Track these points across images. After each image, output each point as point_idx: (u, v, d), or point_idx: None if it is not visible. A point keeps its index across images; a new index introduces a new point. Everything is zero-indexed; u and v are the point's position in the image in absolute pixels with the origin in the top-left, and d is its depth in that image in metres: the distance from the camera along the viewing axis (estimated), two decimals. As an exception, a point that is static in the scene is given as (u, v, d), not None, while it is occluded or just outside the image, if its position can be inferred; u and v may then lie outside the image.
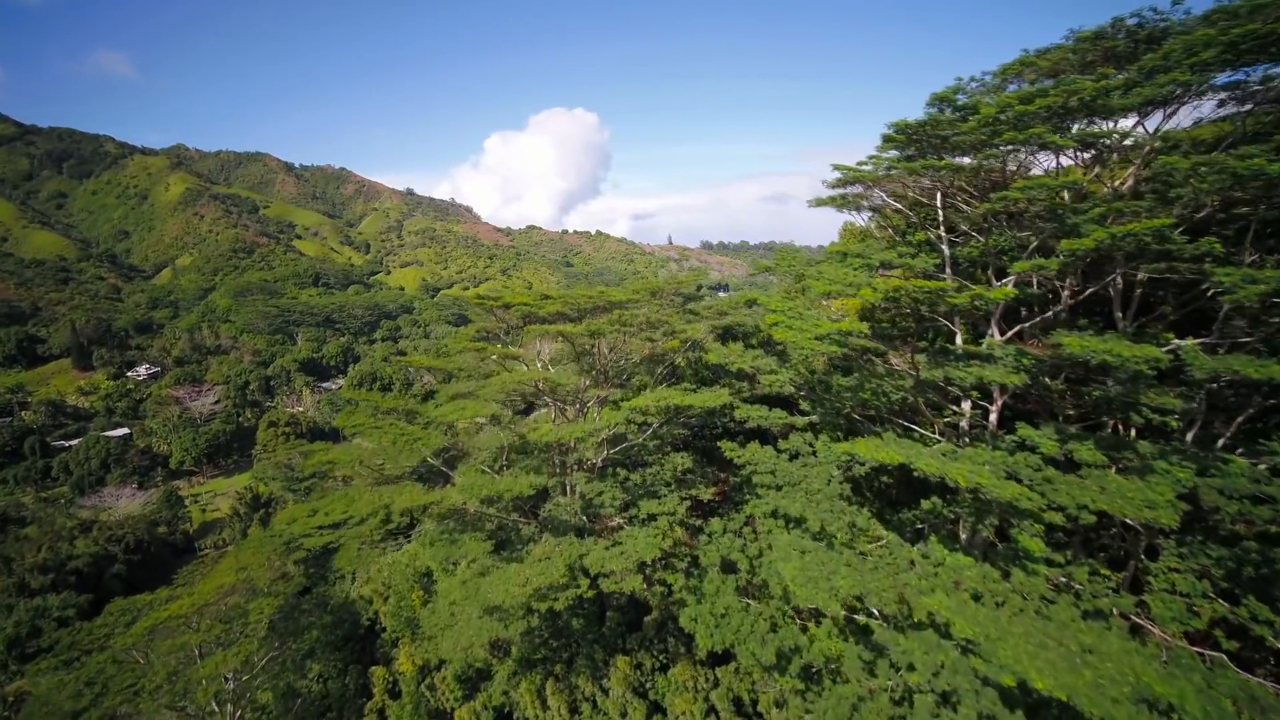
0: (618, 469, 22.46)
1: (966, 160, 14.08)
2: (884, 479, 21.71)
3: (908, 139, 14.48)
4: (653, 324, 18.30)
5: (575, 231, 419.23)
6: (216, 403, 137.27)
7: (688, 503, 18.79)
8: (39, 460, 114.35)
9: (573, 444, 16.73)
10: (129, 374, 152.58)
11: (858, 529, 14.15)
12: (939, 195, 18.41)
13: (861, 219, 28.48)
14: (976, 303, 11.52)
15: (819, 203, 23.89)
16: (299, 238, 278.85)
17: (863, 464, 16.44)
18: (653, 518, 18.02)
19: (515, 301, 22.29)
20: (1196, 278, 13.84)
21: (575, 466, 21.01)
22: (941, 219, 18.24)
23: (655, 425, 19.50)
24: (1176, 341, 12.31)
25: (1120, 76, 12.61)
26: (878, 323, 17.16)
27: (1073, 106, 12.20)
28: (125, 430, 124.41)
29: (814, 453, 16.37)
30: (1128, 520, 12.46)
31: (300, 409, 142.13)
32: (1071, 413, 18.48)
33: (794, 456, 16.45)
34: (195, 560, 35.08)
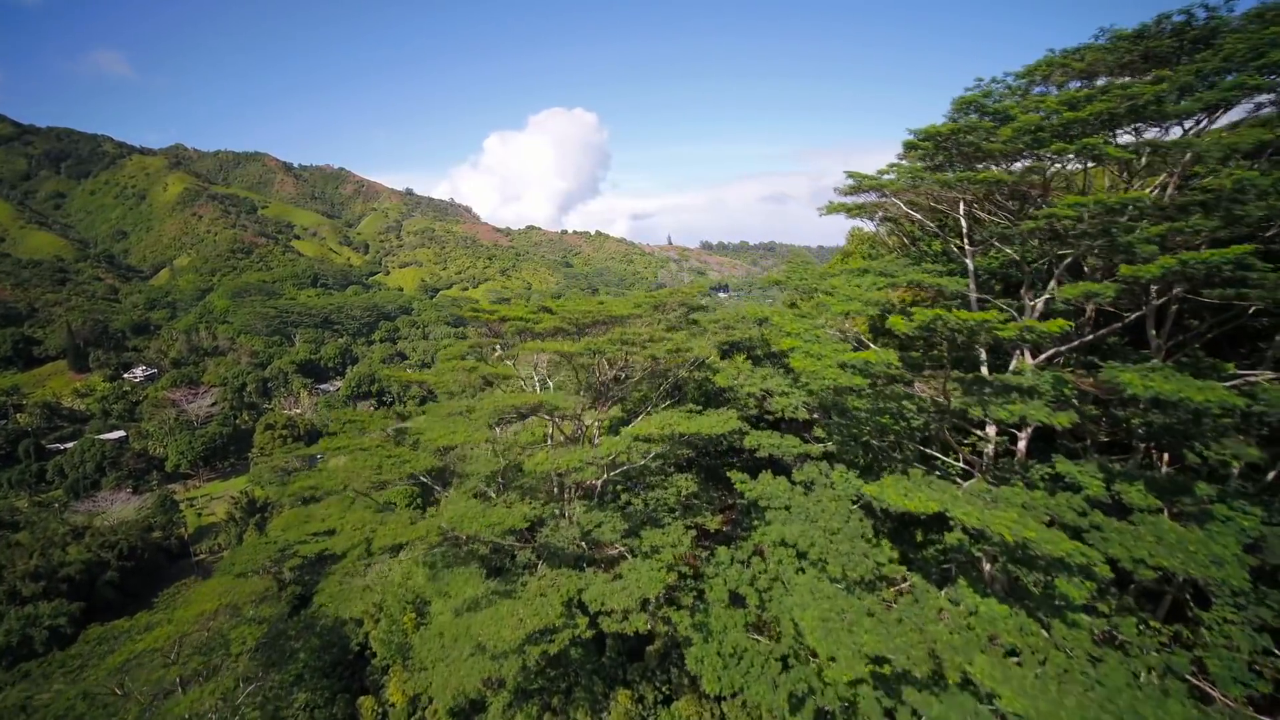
0: (619, 491, 21.31)
1: (1003, 172, 12.83)
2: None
3: (935, 146, 13.27)
4: (655, 340, 17.19)
5: (575, 232, 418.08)
6: (213, 405, 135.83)
7: (693, 532, 17.64)
8: (33, 463, 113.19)
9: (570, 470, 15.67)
10: (125, 376, 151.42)
11: (881, 571, 12.96)
12: (961, 205, 17.26)
13: (870, 225, 27.28)
14: (1026, 335, 10.32)
15: (831, 209, 22.72)
16: (297, 238, 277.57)
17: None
18: (656, 550, 16.86)
19: (511, 315, 21.15)
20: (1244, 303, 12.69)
21: (574, 488, 19.86)
22: (964, 229, 17.07)
23: (658, 449, 18.35)
24: (1246, 375, 11.09)
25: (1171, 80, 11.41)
26: (902, 347, 15.95)
27: (1120, 112, 11.02)
28: (121, 433, 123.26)
29: (831, 485, 15.16)
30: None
31: (298, 411, 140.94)
32: (1105, 439, 17.28)
33: (809, 488, 15.29)
34: (177, 584, 33.89)
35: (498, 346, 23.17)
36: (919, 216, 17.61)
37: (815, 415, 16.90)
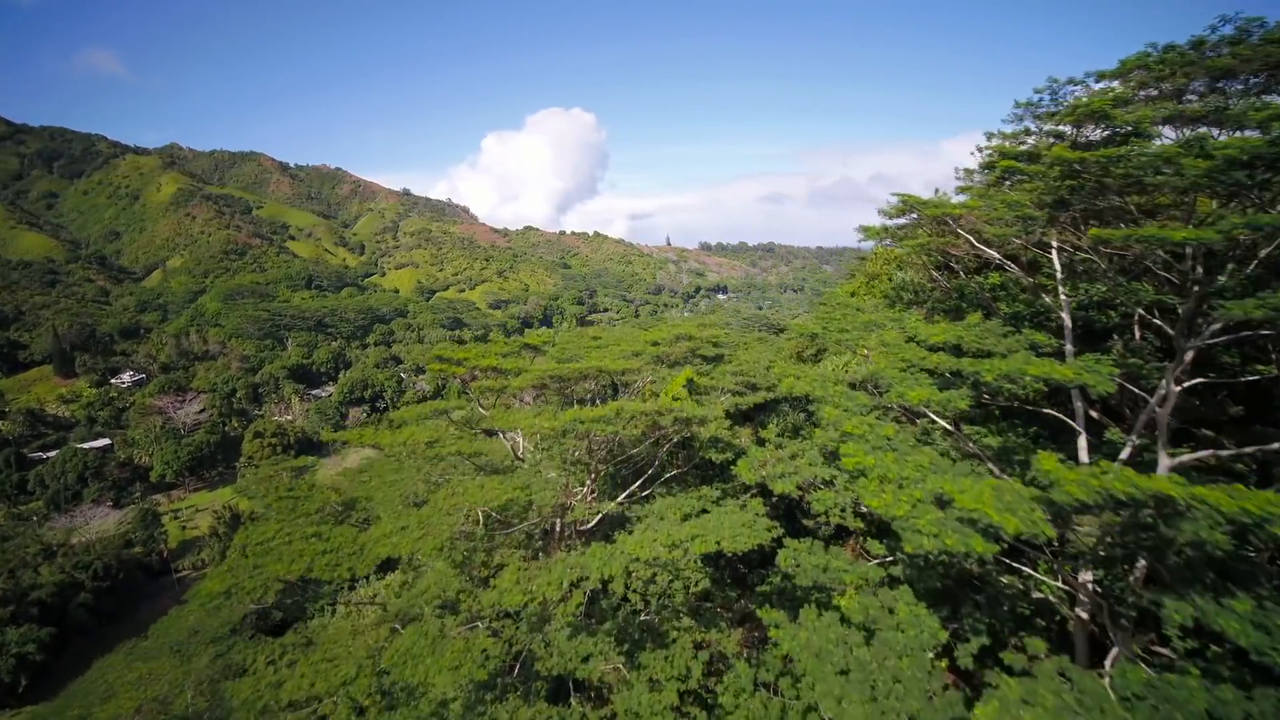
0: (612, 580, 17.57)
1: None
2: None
3: (1062, 175, 9.35)
4: (661, 413, 13.57)
5: (573, 232, 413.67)
6: (201, 411, 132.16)
7: (704, 654, 13.91)
8: (14, 473, 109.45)
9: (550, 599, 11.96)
10: (112, 381, 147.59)
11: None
12: (1054, 240, 13.44)
13: (886, 242, 23.52)
14: (1269, 511, 6.28)
15: (870, 234, 19.00)
16: (293, 239, 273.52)
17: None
18: (657, 684, 13.15)
19: (484, 365, 17.41)
20: None
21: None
22: (1059, 273, 13.27)
23: (664, 579, 14.58)
24: None
25: None
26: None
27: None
28: (106, 441, 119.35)
29: (898, 625, 11.35)
30: None
31: (288, 418, 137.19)
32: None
33: (870, 635, 11.45)
34: (98, 664, 30.11)
35: (472, 399, 19.36)
36: (996, 255, 13.81)
37: (862, 509, 13.16)
